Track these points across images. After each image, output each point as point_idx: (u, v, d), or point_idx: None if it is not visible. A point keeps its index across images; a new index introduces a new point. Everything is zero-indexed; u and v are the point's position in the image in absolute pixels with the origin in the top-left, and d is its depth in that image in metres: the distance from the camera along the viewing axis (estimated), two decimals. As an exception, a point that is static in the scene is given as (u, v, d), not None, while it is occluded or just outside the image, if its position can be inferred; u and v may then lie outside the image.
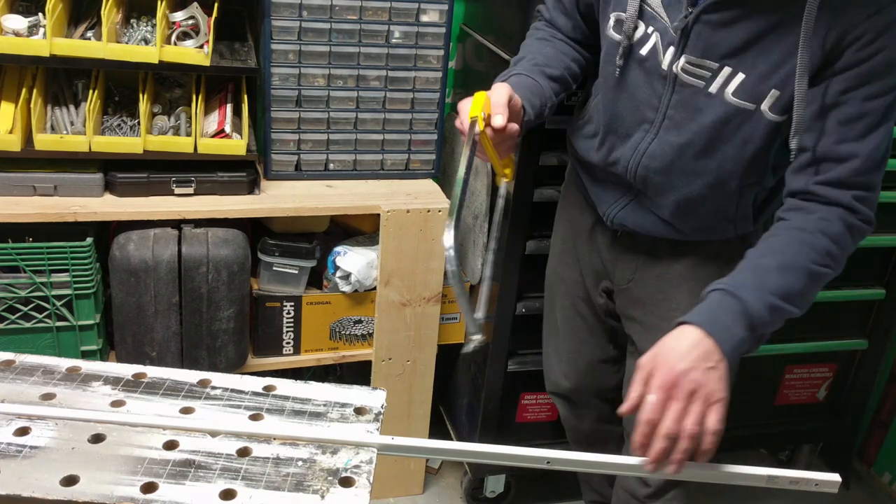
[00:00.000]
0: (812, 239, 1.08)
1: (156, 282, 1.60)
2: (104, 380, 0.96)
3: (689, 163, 1.21)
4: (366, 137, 1.82)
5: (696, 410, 0.97)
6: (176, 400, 0.94)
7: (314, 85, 1.74)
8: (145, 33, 1.61)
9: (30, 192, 1.57)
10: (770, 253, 1.09)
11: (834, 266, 1.09)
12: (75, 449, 0.85)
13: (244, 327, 1.75)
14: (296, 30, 1.68)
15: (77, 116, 1.61)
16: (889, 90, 1.05)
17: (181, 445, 0.87)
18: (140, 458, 0.85)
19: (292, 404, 0.96)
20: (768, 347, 1.97)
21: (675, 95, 1.19)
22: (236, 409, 0.94)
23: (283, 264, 1.76)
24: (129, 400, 0.93)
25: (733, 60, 1.12)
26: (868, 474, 2.24)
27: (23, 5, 1.58)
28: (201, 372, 0.99)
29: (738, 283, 1.05)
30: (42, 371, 0.97)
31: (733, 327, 1.02)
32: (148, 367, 1.00)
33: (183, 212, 1.62)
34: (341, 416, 0.95)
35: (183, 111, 1.67)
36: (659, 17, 1.17)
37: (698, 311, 1.04)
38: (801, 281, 1.07)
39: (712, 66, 1.14)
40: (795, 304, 1.07)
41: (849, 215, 1.09)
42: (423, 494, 2.08)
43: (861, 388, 2.10)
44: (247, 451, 0.87)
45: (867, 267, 1.97)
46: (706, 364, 0.99)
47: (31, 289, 1.56)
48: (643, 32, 1.20)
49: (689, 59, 1.15)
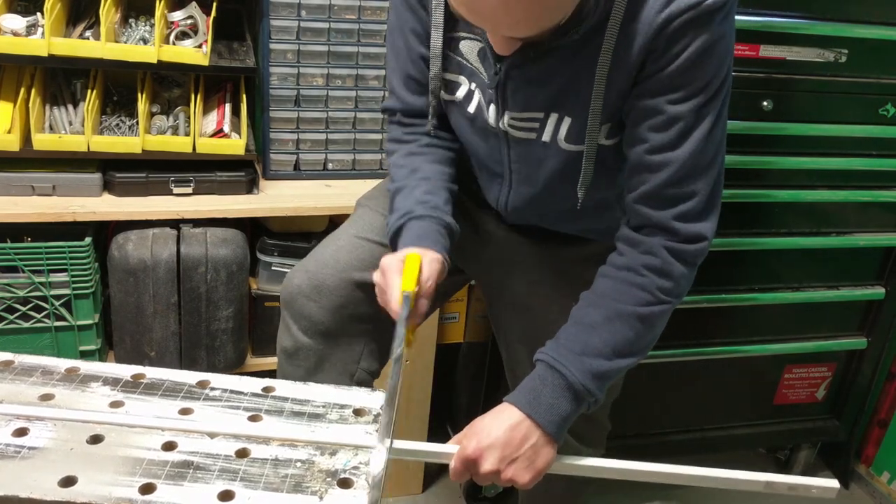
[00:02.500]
0: (638, 279, 1.04)
1: (154, 281, 1.60)
2: (103, 380, 0.96)
3: (556, 202, 1.16)
4: (364, 137, 1.82)
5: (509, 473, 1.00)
6: (175, 401, 0.94)
7: (313, 84, 1.74)
8: (144, 33, 1.61)
9: (28, 191, 1.57)
10: (597, 303, 1.06)
11: (670, 298, 1.06)
12: (73, 450, 0.85)
13: (243, 327, 1.75)
14: (294, 29, 1.67)
15: (75, 116, 1.61)
16: (696, 93, 0.99)
17: (180, 446, 0.87)
18: (138, 458, 0.85)
19: (291, 405, 0.96)
20: (767, 347, 1.97)
21: (512, 150, 1.14)
22: (235, 411, 0.94)
23: (282, 264, 1.76)
24: (128, 401, 0.93)
25: (556, 108, 1.07)
26: (867, 473, 2.24)
27: (21, 5, 1.58)
28: (200, 373, 0.99)
29: (562, 352, 1.04)
30: (41, 372, 0.97)
31: (557, 404, 1.02)
32: (147, 367, 1.00)
33: (181, 211, 1.62)
34: (340, 417, 0.95)
35: (181, 111, 1.67)
36: (478, 73, 1.11)
37: (522, 387, 1.04)
38: (632, 328, 1.04)
39: (538, 116, 1.08)
40: (629, 355, 1.05)
41: (670, 240, 1.04)
42: (423, 494, 2.08)
43: (860, 387, 2.10)
44: (245, 452, 0.87)
45: (866, 266, 1.97)
46: (526, 445, 1.00)
47: (30, 289, 1.56)
48: (467, 89, 1.14)
49: (513, 115, 1.09)
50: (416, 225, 1.14)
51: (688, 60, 0.97)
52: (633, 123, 1.04)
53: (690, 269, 1.07)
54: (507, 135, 1.13)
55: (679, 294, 1.07)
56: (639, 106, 1.02)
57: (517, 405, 1.02)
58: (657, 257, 1.05)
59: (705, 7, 0.94)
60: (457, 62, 1.13)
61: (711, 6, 0.94)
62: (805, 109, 1.69)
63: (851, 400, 2.12)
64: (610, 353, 1.04)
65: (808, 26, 1.61)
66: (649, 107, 1.01)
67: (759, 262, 1.85)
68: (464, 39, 1.11)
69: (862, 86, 1.70)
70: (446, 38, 1.12)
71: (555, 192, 1.16)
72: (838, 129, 1.74)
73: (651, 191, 1.04)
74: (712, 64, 0.99)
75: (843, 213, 1.87)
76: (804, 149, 1.74)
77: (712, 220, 1.07)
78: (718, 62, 0.99)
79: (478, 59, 1.10)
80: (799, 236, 1.84)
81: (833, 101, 1.70)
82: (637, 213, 1.07)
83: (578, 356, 1.03)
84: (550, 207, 1.20)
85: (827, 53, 1.64)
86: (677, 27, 0.96)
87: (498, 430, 1.00)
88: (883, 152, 1.80)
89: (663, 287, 1.05)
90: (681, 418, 2.03)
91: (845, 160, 1.78)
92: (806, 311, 1.96)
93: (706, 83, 0.99)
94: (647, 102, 1.01)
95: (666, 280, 1.05)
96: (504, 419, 1.01)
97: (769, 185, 1.75)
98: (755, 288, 1.87)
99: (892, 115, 1.75)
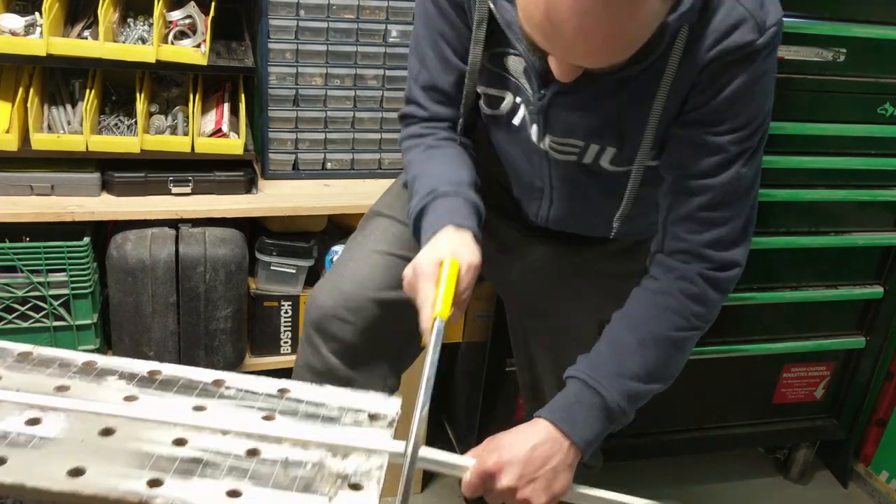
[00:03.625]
0: (673, 303, 1.05)
1: (153, 281, 1.60)
2: (119, 375, 0.96)
3: (598, 214, 1.16)
4: (363, 136, 1.82)
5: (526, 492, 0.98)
6: (189, 398, 0.93)
7: (311, 84, 1.74)
8: (142, 32, 1.61)
9: (27, 191, 1.57)
10: (631, 327, 1.06)
11: (702, 324, 1.07)
12: (84, 441, 0.85)
13: (242, 327, 1.75)
14: (293, 29, 1.67)
15: (74, 116, 1.61)
16: (739, 127, 1.00)
17: (191, 443, 0.86)
18: (148, 453, 0.84)
19: (306, 407, 0.94)
20: (767, 347, 1.98)
21: (552, 169, 1.15)
22: (249, 410, 0.93)
23: (281, 264, 1.76)
24: (143, 395, 0.93)
25: (598, 138, 1.06)
26: (866, 473, 2.24)
27: (19, 4, 1.58)
28: (216, 371, 0.98)
29: (598, 371, 1.03)
30: (59, 364, 0.97)
31: (591, 423, 1.02)
32: (164, 364, 0.99)
33: (180, 211, 1.62)
34: (355, 421, 0.93)
35: (180, 110, 1.67)
36: (524, 88, 1.09)
37: (556, 404, 1.03)
38: (666, 352, 1.05)
39: (578, 144, 1.08)
40: (659, 380, 1.06)
41: (705, 267, 1.05)
42: (422, 494, 2.08)
43: (859, 386, 2.10)
44: (256, 451, 0.86)
45: (865, 266, 1.97)
46: (547, 466, 0.99)
47: (29, 288, 1.56)
48: (512, 103, 1.12)
49: (554, 139, 1.09)
50: (443, 203, 1.09)
51: (733, 95, 0.98)
52: (674, 149, 1.05)
53: (722, 295, 1.08)
54: (548, 154, 1.12)
55: (710, 321, 1.08)
56: (681, 134, 1.03)
57: (552, 420, 1.01)
58: (693, 284, 1.05)
59: (756, 46, 0.95)
60: (500, 77, 1.11)
61: (760, 45, 0.95)
62: (804, 109, 1.69)
63: (850, 399, 2.12)
64: (645, 377, 1.04)
65: (807, 26, 1.61)
66: (692, 136, 1.02)
67: (757, 262, 1.83)
68: (510, 55, 1.08)
69: (860, 85, 1.71)
70: (488, 53, 1.10)
71: (597, 206, 1.16)
72: (837, 128, 1.74)
73: (687, 213, 1.05)
74: (757, 99, 1.00)
75: (841, 213, 1.87)
76: (803, 148, 1.74)
77: (745, 248, 1.08)
78: (763, 97, 1.00)
79: (523, 76, 1.07)
80: (797, 235, 1.84)
81: (831, 101, 1.71)
82: (672, 235, 1.07)
83: (616, 377, 1.03)
84: (592, 219, 1.19)
85: (825, 53, 1.64)
86: (727, 63, 0.96)
87: (521, 448, 0.99)
88: (881, 151, 1.80)
89: (697, 313, 1.06)
90: (680, 418, 2.03)
91: (844, 159, 1.78)
92: (804, 310, 1.96)
93: (750, 118, 1.00)
94: (690, 132, 1.02)
95: (700, 306, 1.06)
96: (530, 435, 1.00)
97: (768, 185, 1.74)
98: (754, 287, 1.87)
99: (890, 114, 1.75)
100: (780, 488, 2.24)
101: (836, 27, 1.62)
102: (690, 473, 2.23)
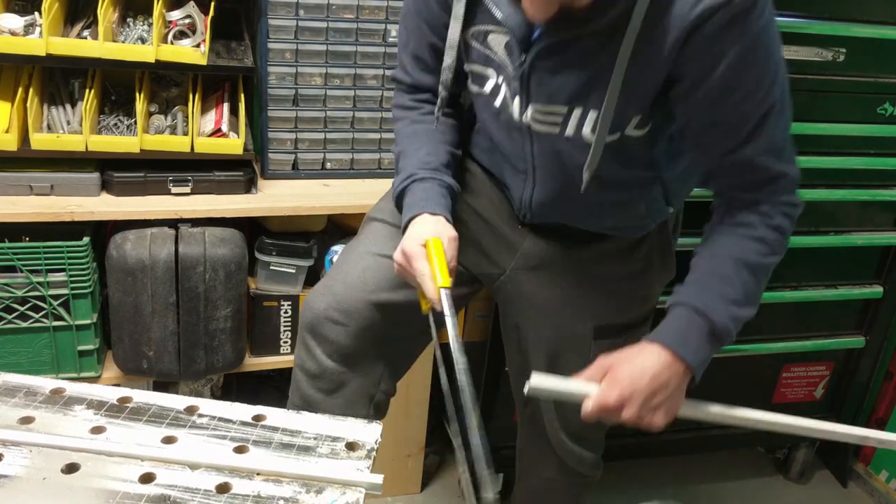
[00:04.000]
0: (755, 232, 1.08)
1: (153, 281, 1.60)
2: (87, 403, 0.94)
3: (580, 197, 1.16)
4: (363, 136, 1.82)
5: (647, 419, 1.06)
6: (159, 428, 0.91)
7: (311, 84, 1.74)
8: (142, 32, 1.61)
9: (26, 191, 1.57)
10: (723, 255, 1.09)
11: (781, 251, 1.11)
12: (47, 479, 0.82)
13: (241, 327, 1.75)
14: (292, 29, 1.67)
15: (73, 116, 1.61)
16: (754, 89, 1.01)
17: (158, 479, 0.83)
18: (113, 491, 0.81)
19: (281, 436, 0.92)
20: (766, 346, 1.98)
21: (535, 146, 1.15)
22: (221, 440, 0.90)
23: (281, 263, 1.76)
24: (111, 426, 0.90)
25: (580, 100, 1.06)
26: (865, 472, 2.24)
27: (19, 4, 1.58)
28: (189, 398, 0.96)
29: (704, 297, 1.07)
30: (25, 392, 0.94)
31: (703, 347, 1.06)
32: (135, 391, 0.97)
33: (180, 211, 1.62)
34: (332, 451, 0.91)
35: (180, 110, 1.67)
36: (505, 66, 1.10)
37: (667, 329, 1.07)
38: (757, 276, 1.09)
39: (561, 111, 1.08)
40: (753, 304, 1.10)
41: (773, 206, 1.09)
42: (422, 494, 2.08)
43: (858, 386, 2.10)
44: (227, 486, 0.83)
45: (865, 266, 1.97)
46: (667, 391, 1.05)
47: (28, 288, 1.56)
48: (494, 83, 1.14)
49: (537, 108, 1.10)
50: (419, 187, 1.19)
51: (737, 63, 0.98)
52: (698, 132, 1.07)
53: (792, 223, 1.11)
54: (531, 129, 1.13)
55: (785, 248, 1.12)
56: (699, 115, 1.04)
57: (668, 346, 1.05)
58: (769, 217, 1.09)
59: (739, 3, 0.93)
60: (484, 55, 1.13)
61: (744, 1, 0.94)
62: (803, 108, 1.69)
63: (850, 399, 2.12)
64: (743, 300, 1.08)
65: (807, 25, 1.61)
66: (711, 115, 1.03)
67: (757, 261, 1.85)
68: (492, 33, 1.11)
69: (860, 85, 1.71)
70: (474, 31, 1.12)
71: (578, 187, 1.15)
72: (836, 128, 1.74)
73: (740, 184, 1.08)
74: (761, 58, 0.99)
75: (841, 212, 1.87)
76: (802, 148, 1.71)
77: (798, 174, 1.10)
78: (766, 53, 1.00)
79: (505, 53, 1.10)
80: (797, 235, 1.83)
81: (831, 101, 1.71)
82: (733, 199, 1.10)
83: (721, 300, 1.06)
84: (574, 203, 1.20)
85: (825, 52, 1.64)
86: (714, 31, 0.95)
87: (642, 379, 1.03)
88: (881, 151, 1.80)
89: (776, 240, 1.10)
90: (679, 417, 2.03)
91: (843, 159, 1.78)
92: (804, 309, 1.96)
93: (760, 75, 1.00)
94: (707, 112, 1.03)
95: (778, 234, 1.10)
96: (648, 364, 1.04)
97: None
98: (754, 287, 1.87)
99: (890, 113, 1.76)
100: (780, 488, 2.25)
101: (836, 27, 1.62)
102: (690, 473, 2.23)
